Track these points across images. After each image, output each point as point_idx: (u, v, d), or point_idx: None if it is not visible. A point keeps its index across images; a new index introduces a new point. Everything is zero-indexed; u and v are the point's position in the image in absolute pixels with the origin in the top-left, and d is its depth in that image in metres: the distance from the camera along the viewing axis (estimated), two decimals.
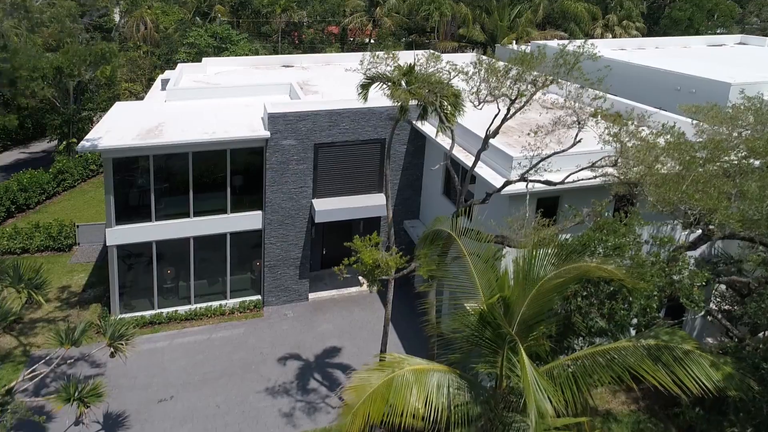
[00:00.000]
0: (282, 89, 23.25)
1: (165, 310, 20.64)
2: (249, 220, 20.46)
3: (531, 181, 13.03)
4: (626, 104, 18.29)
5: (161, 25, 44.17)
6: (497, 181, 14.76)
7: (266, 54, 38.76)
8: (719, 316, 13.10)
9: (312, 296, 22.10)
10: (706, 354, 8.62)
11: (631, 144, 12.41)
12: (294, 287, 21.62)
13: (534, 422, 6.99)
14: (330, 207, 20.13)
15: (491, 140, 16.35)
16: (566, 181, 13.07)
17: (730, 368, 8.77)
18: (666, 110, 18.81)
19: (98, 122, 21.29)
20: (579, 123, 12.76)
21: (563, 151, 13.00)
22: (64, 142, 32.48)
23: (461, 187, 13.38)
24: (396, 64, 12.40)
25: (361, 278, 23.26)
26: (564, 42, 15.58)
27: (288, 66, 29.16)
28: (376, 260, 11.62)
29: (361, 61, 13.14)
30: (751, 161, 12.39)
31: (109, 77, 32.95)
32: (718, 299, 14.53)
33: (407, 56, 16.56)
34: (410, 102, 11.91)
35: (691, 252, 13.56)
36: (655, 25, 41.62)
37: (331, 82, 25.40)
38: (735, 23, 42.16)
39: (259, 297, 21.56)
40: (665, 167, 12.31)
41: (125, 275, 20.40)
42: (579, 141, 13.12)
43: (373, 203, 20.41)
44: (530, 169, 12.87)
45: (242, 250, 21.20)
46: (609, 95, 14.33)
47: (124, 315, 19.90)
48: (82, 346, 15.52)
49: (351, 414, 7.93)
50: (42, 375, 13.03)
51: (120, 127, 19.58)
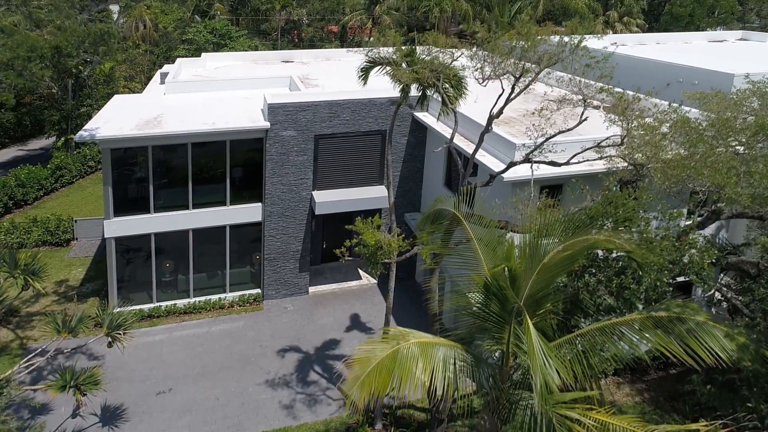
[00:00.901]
0: (282, 82, 23.13)
1: (164, 304, 20.47)
2: (248, 213, 20.30)
3: (535, 162, 12.85)
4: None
5: (160, 25, 44.11)
6: (500, 168, 14.59)
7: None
8: (729, 295, 12.92)
9: (312, 290, 21.93)
10: (720, 325, 8.45)
11: (636, 123, 12.29)
12: (294, 280, 21.45)
13: (539, 388, 6.81)
14: (330, 199, 19.98)
15: (495, 129, 16.30)
16: (571, 162, 12.92)
17: (745, 338, 8.63)
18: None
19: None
20: (585, 101, 12.62)
21: (568, 130, 12.85)
22: (63, 138, 32.32)
23: (464, 171, 13.23)
24: (398, 48, 12.26)
25: (362, 271, 23.20)
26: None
27: (288, 61, 29.03)
28: (379, 241, 11.43)
29: (364, 47, 12.99)
30: (759, 145, 12.25)
31: (108, 74, 32.85)
32: (724, 288, 14.35)
33: None
34: (412, 84, 11.76)
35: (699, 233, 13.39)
36: (656, 22, 41.63)
37: (332, 77, 25.28)
38: (736, 20, 42.19)
39: (259, 290, 21.38)
40: (671, 153, 12.19)
41: (123, 268, 20.21)
42: (585, 119, 12.96)
43: (374, 195, 20.27)
44: (535, 149, 12.71)
45: (242, 243, 21.04)
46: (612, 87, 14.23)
47: (123, 309, 19.68)
48: (80, 338, 15.47)
49: (356, 385, 7.75)
50: (38, 364, 12.87)
51: (118, 118, 19.44)
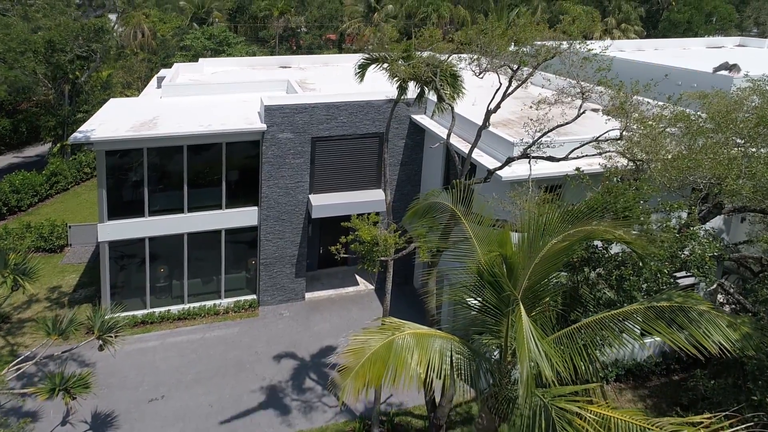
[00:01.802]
0: (279, 86, 22.97)
1: (157, 310, 20.12)
2: (244, 216, 20.03)
3: (533, 158, 12.65)
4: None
5: (159, 33, 44.14)
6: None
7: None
8: (731, 290, 12.66)
9: (308, 296, 21.60)
10: (723, 314, 8.19)
11: (636, 115, 12.16)
12: (290, 286, 21.12)
13: (524, 377, 6.53)
14: (327, 202, 19.71)
15: (493, 130, 16.09)
16: (570, 157, 12.71)
17: (748, 328, 8.38)
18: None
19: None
20: (583, 95, 12.46)
21: (566, 123, 12.67)
22: (58, 144, 32.12)
23: (462, 167, 13.01)
24: (395, 45, 12.12)
25: (359, 277, 22.88)
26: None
27: (286, 66, 28.92)
28: (375, 237, 11.16)
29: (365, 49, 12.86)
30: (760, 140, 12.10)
31: (105, 80, 32.72)
32: (726, 284, 14.11)
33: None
34: (409, 79, 11.58)
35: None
36: (654, 29, 41.69)
37: (329, 82, 25.14)
38: (734, 27, 42.30)
39: (255, 296, 21.05)
40: (670, 148, 12.03)
41: (117, 274, 19.88)
42: (583, 112, 12.80)
43: (372, 198, 19.99)
44: (533, 144, 12.52)
45: (237, 248, 20.74)
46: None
47: (116, 315, 19.34)
48: (71, 343, 15.14)
49: (350, 376, 7.46)
50: (26, 368, 12.55)
51: (114, 120, 19.23)
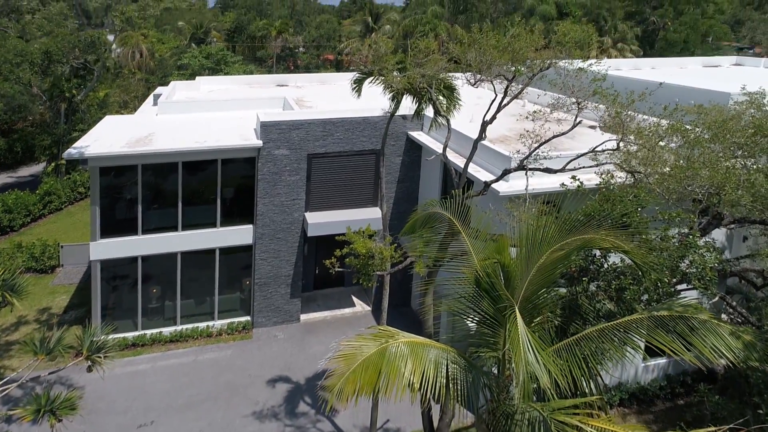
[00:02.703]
0: (276, 103, 22.79)
1: (149, 332, 19.60)
2: (239, 235, 19.63)
3: (530, 169, 12.43)
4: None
5: (157, 54, 44.24)
6: (494, 184, 14.14)
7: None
8: (734, 303, 12.32)
9: (304, 317, 21.10)
10: (725, 323, 7.92)
11: (633, 126, 12.04)
12: (285, 307, 20.63)
13: (521, 381, 6.25)
14: (323, 220, 19.35)
15: (490, 146, 15.84)
16: (567, 169, 12.48)
17: (751, 337, 8.02)
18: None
19: None
20: (579, 104, 12.30)
21: (563, 134, 12.49)
22: (53, 164, 31.81)
23: (458, 180, 12.76)
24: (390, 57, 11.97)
25: (355, 298, 22.41)
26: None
27: (282, 85, 28.82)
28: (371, 250, 10.79)
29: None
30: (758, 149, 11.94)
31: (102, 99, 32.58)
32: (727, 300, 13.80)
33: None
34: (404, 90, 11.37)
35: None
36: (651, 48, 41.89)
37: (326, 99, 24.99)
38: (730, 47, 42.54)
39: (249, 318, 20.55)
40: (668, 162, 11.87)
41: (108, 294, 19.41)
42: (579, 122, 12.64)
43: (368, 216, 19.57)
44: (529, 155, 12.32)
45: (231, 268, 20.30)
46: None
47: (105, 337, 18.81)
48: (59, 365, 14.67)
49: (341, 382, 7.14)
50: (10, 391, 12.07)
51: (109, 137, 18.98)
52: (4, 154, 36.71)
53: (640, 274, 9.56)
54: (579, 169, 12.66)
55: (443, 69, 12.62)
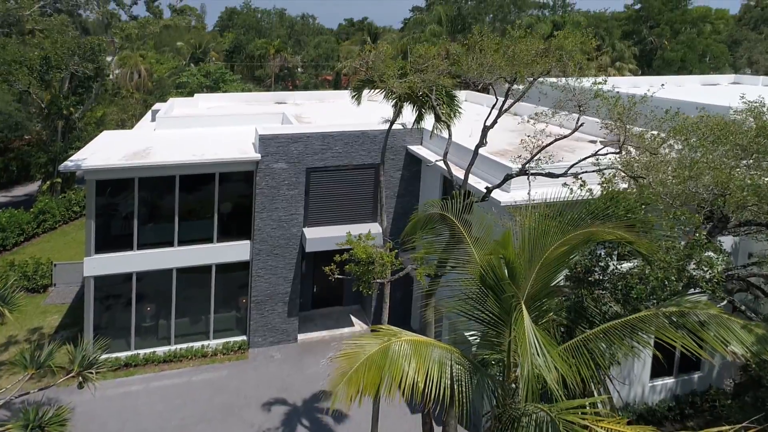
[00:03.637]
0: (274, 119, 22.61)
1: (142, 351, 19.04)
2: (236, 251, 19.22)
3: (532, 174, 12.21)
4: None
5: (155, 75, 44.34)
6: (495, 194, 14.00)
7: None
8: (742, 308, 12.01)
9: (301, 337, 20.57)
10: (736, 318, 7.62)
11: (636, 130, 11.93)
12: (282, 326, 20.12)
13: (526, 373, 6.03)
14: (322, 235, 18.97)
15: (488, 155, 15.63)
16: (569, 173, 12.29)
17: (763, 330, 7.69)
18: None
19: None
20: (580, 108, 12.17)
21: (565, 137, 12.33)
22: (48, 182, 31.47)
23: (459, 190, 12.54)
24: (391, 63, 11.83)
25: (354, 318, 21.91)
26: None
27: (281, 102, 28.71)
28: (371, 255, 10.43)
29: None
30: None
31: (100, 117, 32.41)
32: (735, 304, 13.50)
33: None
34: (404, 95, 11.18)
35: None
36: (648, 68, 42.14)
37: (325, 116, 24.82)
38: (728, 65, 42.84)
39: (245, 337, 20.01)
40: (671, 163, 11.74)
41: (101, 313, 18.90)
42: (582, 125, 12.49)
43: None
44: (531, 160, 12.13)
45: (228, 286, 19.84)
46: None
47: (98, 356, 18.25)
48: (48, 386, 14.15)
49: (343, 381, 6.85)
50: None
51: (106, 150, 18.77)
52: (0, 174, 36.44)
53: (647, 273, 9.34)
54: (582, 173, 12.49)
55: (444, 72, 12.46)
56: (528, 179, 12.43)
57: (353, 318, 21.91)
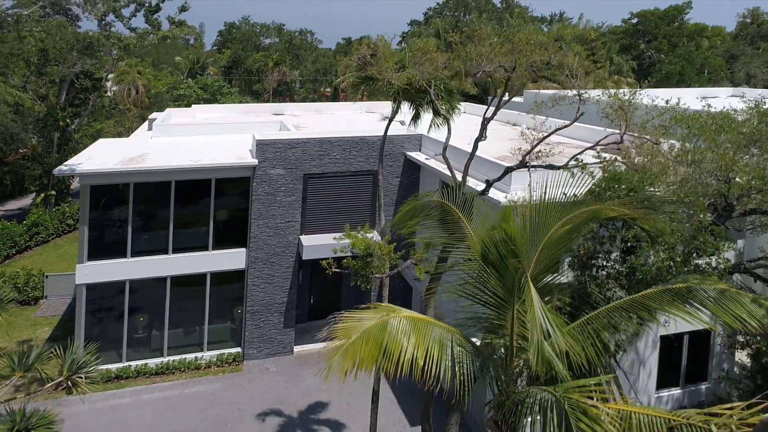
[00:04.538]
0: (272, 127, 22.43)
1: (134, 363, 18.50)
2: (232, 259, 18.83)
3: (532, 167, 12.02)
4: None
5: (153, 90, 44.34)
6: (493, 194, 13.74)
7: None
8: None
9: (297, 349, 20.05)
10: (746, 292, 7.31)
11: (637, 121, 11.80)
12: (278, 338, 19.62)
13: (536, 340, 5.89)
14: (319, 243, 18.59)
15: (487, 157, 15.39)
16: (569, 165, 12.07)
17: None
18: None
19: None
20: (580, 97, 12.02)
21: (565, 127, 12.22)
22: (42, 195, 31.10)
23: (460, 182, 12.33)
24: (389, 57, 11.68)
25: None
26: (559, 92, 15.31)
27: (278, 114, 28.52)
28: (369, 246, 10.08)
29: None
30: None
31: (97, 129, 32.21)
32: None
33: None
34: (404, 88, 11.00)
35: None
36: (646, 80, 42.17)
37: (323, 126, 24.61)
38: (726, 80, 42.99)
39: (239, 349, 19.50)
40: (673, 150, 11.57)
41: (93, 323, 18.41)
42: (581, 114, 12.39)
43: None
44: (531, 151, 11.93)
45: (223, 295, 19.40)
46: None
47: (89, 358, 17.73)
48: (38, 391, 13.68)
49: (339, 353, 6.50)
50: None
51: (102, 156, 18.51)
52: None
53: (651, 255, 9.08)
54: (584, 165, 12.30)
55: (443, 64, 12.33)
56: (528, 170, 12.24)
57: None
